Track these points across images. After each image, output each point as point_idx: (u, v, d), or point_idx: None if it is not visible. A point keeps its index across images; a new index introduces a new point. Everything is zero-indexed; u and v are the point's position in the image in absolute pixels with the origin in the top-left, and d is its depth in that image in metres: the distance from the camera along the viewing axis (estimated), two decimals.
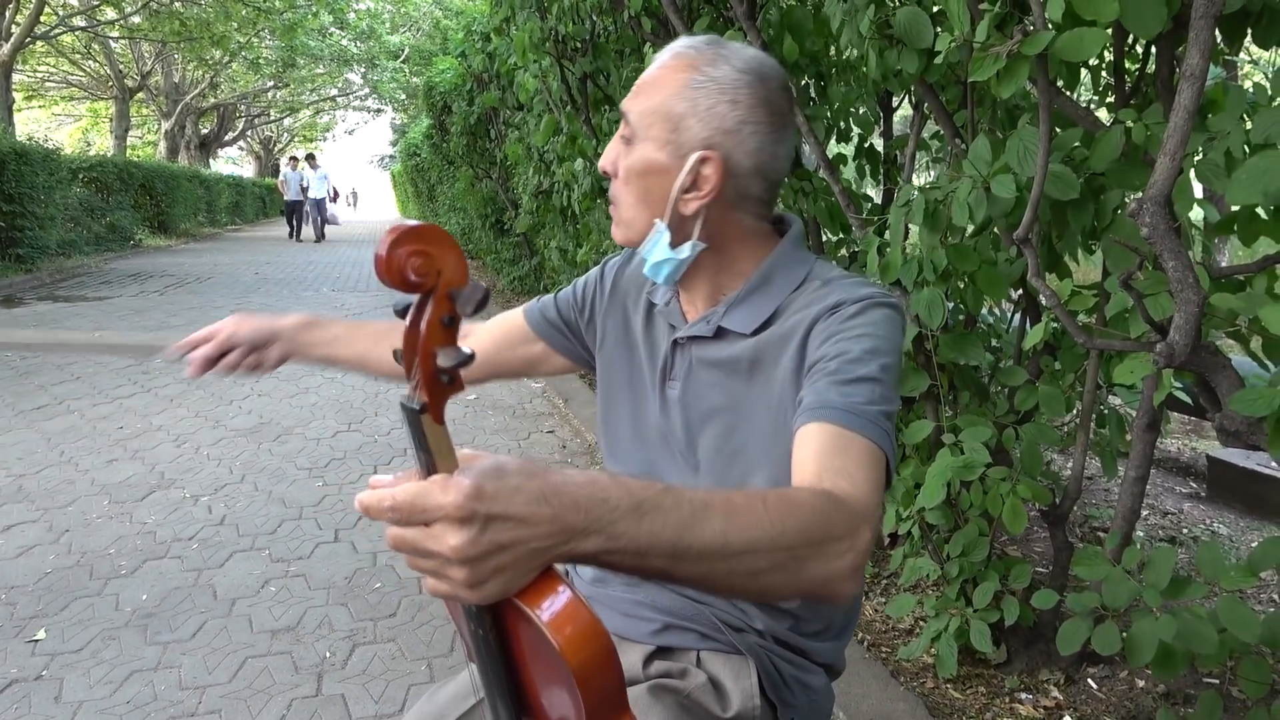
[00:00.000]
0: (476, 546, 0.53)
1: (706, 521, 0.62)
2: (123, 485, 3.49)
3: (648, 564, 0.60)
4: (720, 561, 0.62)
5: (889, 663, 2.19)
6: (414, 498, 0.54)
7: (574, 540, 0.56)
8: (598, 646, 0.55)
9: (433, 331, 0.57)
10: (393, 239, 0.54)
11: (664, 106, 0.94)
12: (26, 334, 6.28)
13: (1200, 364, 1.36)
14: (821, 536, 0.67)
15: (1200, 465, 3.86)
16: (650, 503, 0.60)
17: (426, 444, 0.57)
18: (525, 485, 0.55)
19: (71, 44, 20.40)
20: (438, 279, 0.56)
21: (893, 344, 0.91)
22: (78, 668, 2.22)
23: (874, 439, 0.81)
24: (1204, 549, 1.58)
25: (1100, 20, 1.29)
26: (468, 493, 0.53)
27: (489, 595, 0.55)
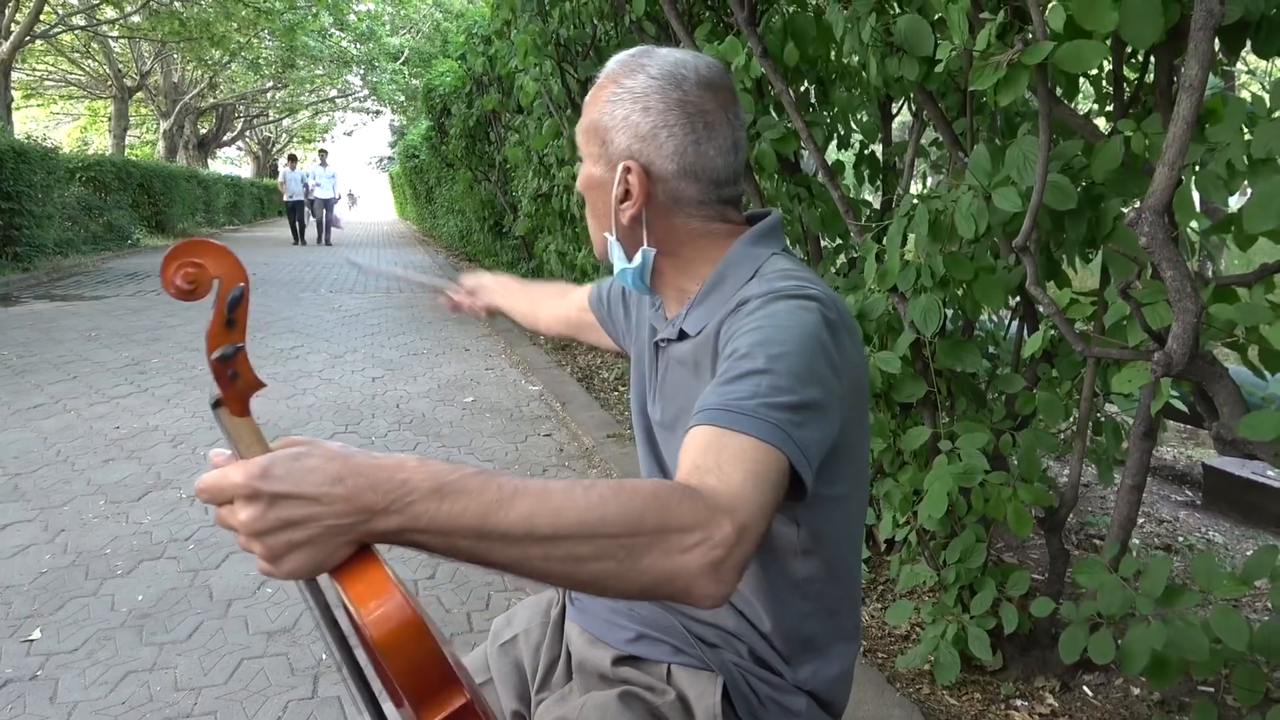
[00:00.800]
0: (263, 521, 0.57)
1: (513, 505, 0.61)
2: (119, 485, 3.49)
3: (456, 546, 0.61)
4: (532, 545, 0.61)
5: (885, 669, 2.19)
6: (214, 480, 0.59)
7: (374, 519, 0.58)
8: (405, 625, 0.57)
9: (214, 333, 0.63)
10: (166, 256, 0.62)
11: (593, 123, 0.98)
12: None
13: (1198, 373, 1.37)
14: (657, 525, 0.63)
15: (1196, 473, 3.87)
16: (454, 485, 0.60)
17: (229, 433, 0.65)
18: (322, 467, 0.58)
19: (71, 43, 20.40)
20: (209, 286, 0.64)
21: (791, 333, 0.83)
22: (73, 668, 2.22)
23: (753, 433, 0.74)
24: (1199, 558, 1.58)
25: (1100, 31, 1.30)
26: (254, 472, 0.57)
27: (292, 569, 0.58)
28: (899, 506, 2.11)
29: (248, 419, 0.65)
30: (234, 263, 0.64)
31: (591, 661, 1.04)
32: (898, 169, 2.59)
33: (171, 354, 6.00)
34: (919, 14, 1.71)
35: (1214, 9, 1.10)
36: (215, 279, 0.63)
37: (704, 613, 1.00)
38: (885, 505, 2.17)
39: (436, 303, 1.64)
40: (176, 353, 6.06)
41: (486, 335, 7.10)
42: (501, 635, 1.19)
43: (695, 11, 2.84)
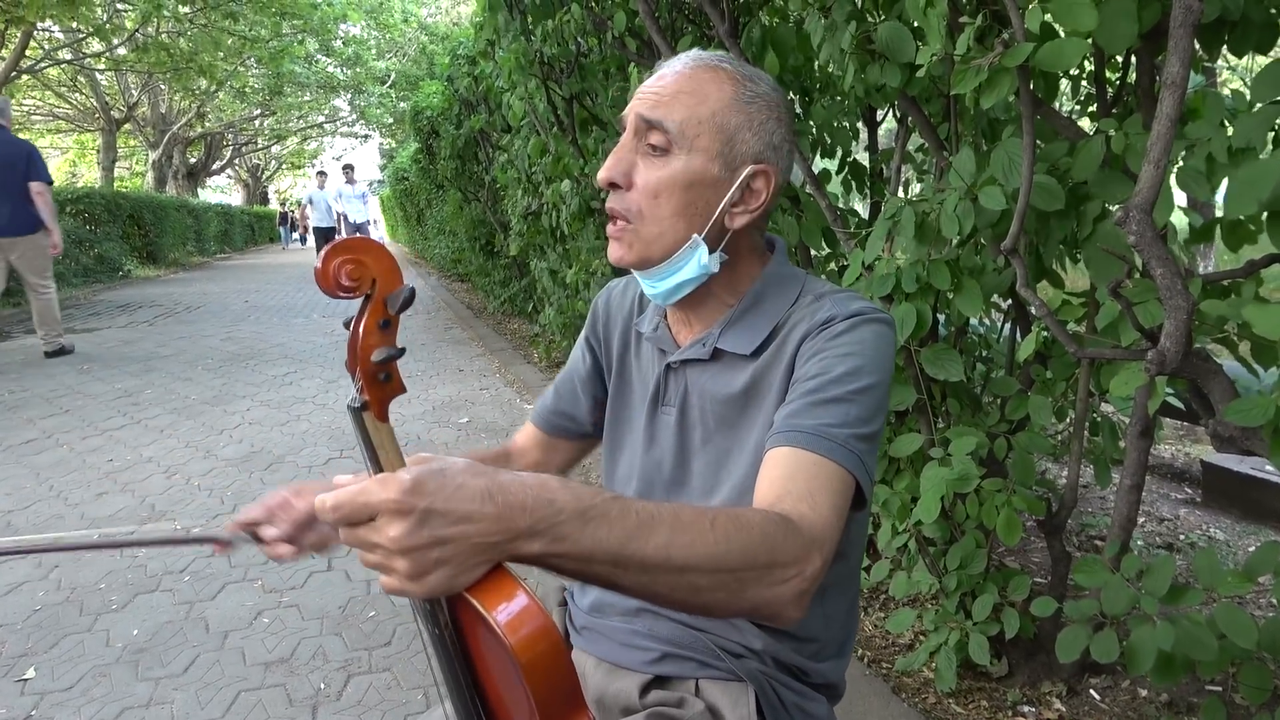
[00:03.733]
0: (415, 538, 0.54)
1: (652, 534, 0.62)
2: (113, 518, 3.45)
3: (591, 570, 0.61)
4: (662, 575, 0.63)
5: (889, 679, 2.17)
6: (355, 495, 0.56)
7: (518, 540, 0.58)
8: (547, 644, 0.56)
9: (369, 334, 0.62)
10: (327, 251, 0.59)
11: (716, 117, 0.92)
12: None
13: (1192, 370, 1.36)
14: (767, 561, 0.68)
15: (1194, 471, 3.86)
16: (597, 510, 0.61)
17: (370, 442, 0.62)
18: (469, 483, 0.57)
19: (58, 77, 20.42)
20: (372, 286, 0.61)
21: (879, 363, 0.89)
22: (68, 706, 2.19)
23: (842, 463, 0.81)
24: (1201, 555, 1.57)
25: (1079, 30, 1.30)
26: (406, 487, 0.55)
27: (433, 587, 0.56)
28: (897, 514, 2.10)
29: (389, 426, 0.63)
30: (393, 264, 0.62)
31: (613, 695, 1.02)
32: (885, 176, 2.60)
33: (164, 385, 5.97)
34: (898, 20, 1.71)
35: (1192, 6, 1.10)
36: (374, 278, 0.61)
37: (728, 627, 1.01)
38: (884, 514, 2.15)
39: (429, 323, 1.42)
40: (169, 383, 6.03)
41: (480, 356, 7.08)
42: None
43: (677, 25, 2.85)
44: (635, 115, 0.93)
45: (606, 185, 0.94)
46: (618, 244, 0.96)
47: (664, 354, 1.05)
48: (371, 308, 0.61)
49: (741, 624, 1.01)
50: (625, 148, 0.94)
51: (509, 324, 8.49)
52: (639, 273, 0.99)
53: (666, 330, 1.05)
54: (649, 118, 0.92)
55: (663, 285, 0.97)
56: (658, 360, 1.06)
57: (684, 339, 1.04)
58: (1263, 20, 1.37)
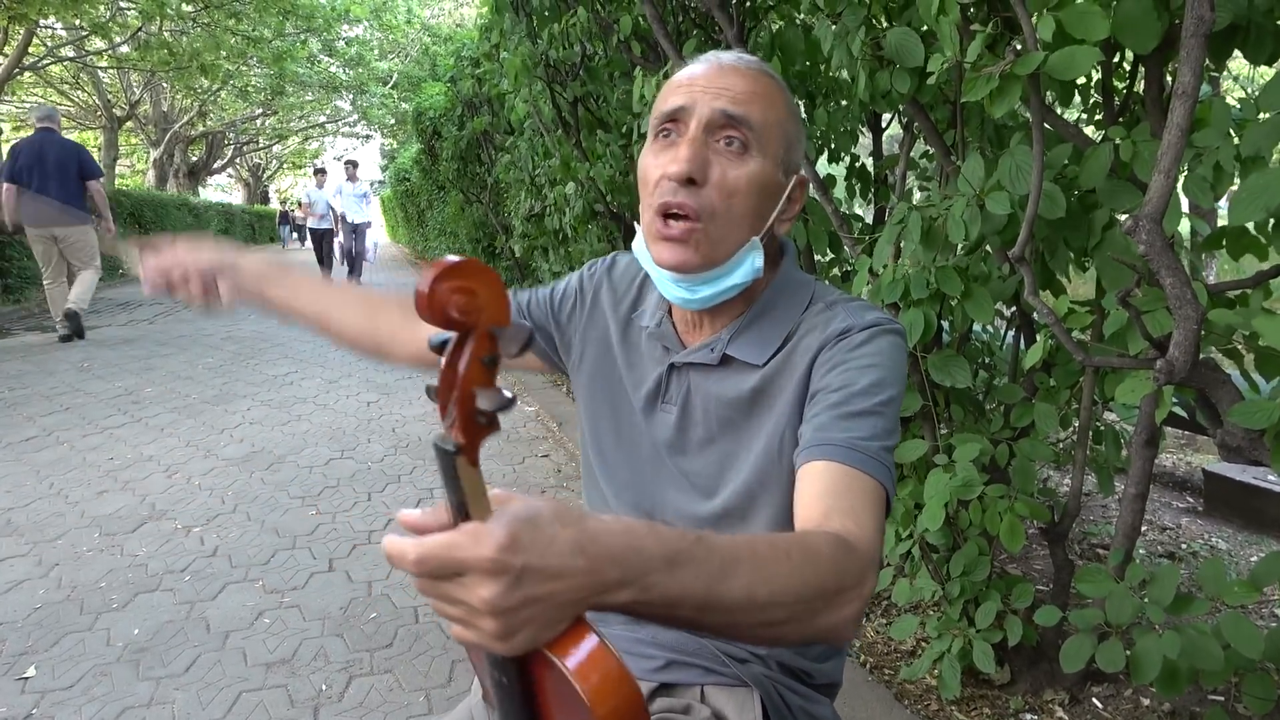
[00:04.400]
0: (509, 599, 0.51)
1: (735, 575, 0.61)
2: (113, 517, 3.45)
3: (676, 615, 0.60)
4: (744, 614, 0.62)
5: (892, 685, 2.17)
6: (445, 549, 0.52)
7: (607, 593, 0.56)
8: (624, 695, 0.54)
9: (473, 372, 0.54)
10: (436, 274, 0.52)
11: (783, 124, 0.93)
12: None
13: (1200, 380, 1.36)
14: (835, 587, 0.68)
15: (1196, 480, 3.86)
16: (684, 555, 0.59)
17: (460, 487, 0.55)
18: (560, 535, 0.54)
19: (60, 74, 20.44)
20: (479, 316, 0.54)
21: (897, 374, 0.90)
22: (68, 705, 2.18)
23: (877, 476, 0.82)
24: (1206, 565, 1.57)
25: (1090, 39, 1.30)
26: (502, 544, 0.51)
27: (518, 646, 0.54)
28: (900, 521, 2.10)
29: (479, 470, 0.56)
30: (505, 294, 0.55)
31: None
32: (890, 182, 2.60)
33: (165, 383, 5.97)
34: (908, 26, 1.71)
35: (1205, 15, 1.10)
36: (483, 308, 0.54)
37: None
38: (888, 521, 2.15)
39: None
40: (170, 382, 6.03)
41: None
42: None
43: (684, 29, 2.85)
44: (715, 110, 0.89)
45: (682, 179, 0.88)
46: (681, 247, 0.90)
47: (668, 351, 1.03)
48: (477, 340, 0.54)
49: None
50: (698, 142, 0.89)
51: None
52: (682, 277, 0.93)
53: (671, 328, 1.03)
54: (734, 114, 0.89)
55: (710, 289, 0.93)
56: (661, 357, 1.04)
57: (691, 340, 1.02)
58: (1276, 29, 1.38)
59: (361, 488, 3.89)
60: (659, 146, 0.93)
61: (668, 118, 0.92)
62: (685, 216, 0.89)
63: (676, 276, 0.93)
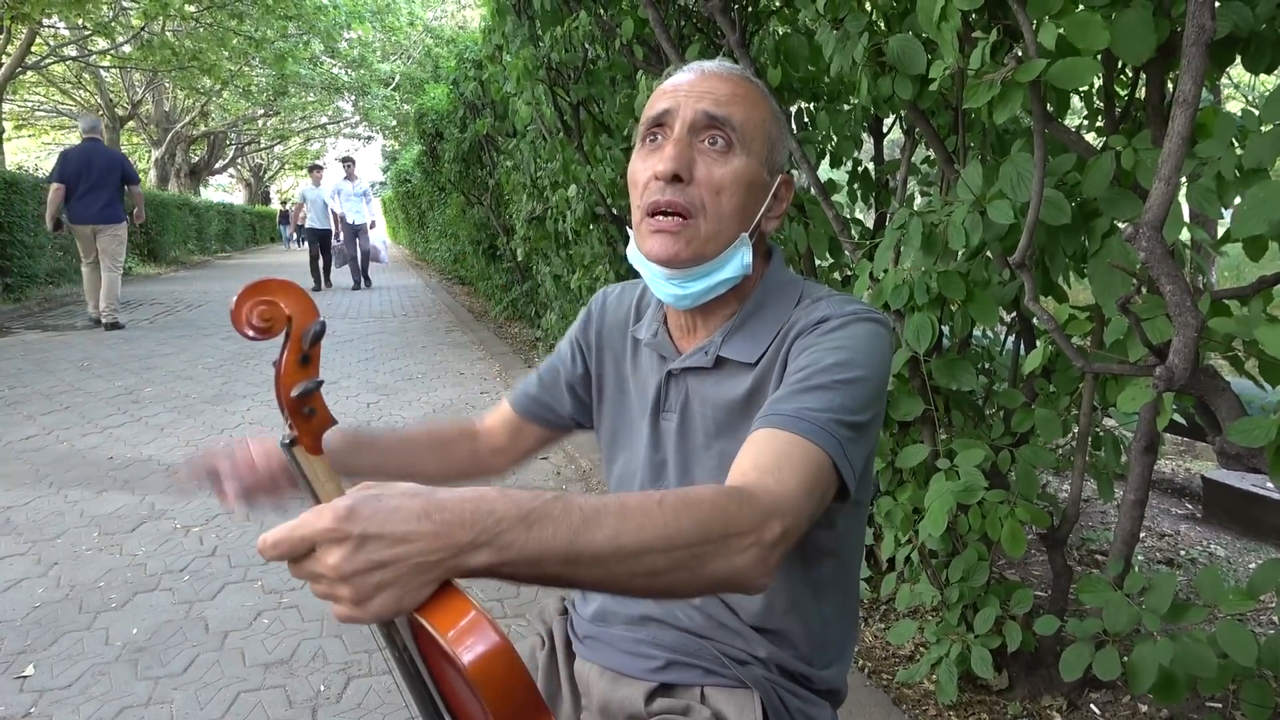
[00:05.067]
0: (353, 563, 0.54)
1: (598, 526, 0.62)
2: (112, 516, 3.45)
3: (544, 572, 0.61)
4: (617, 564, 0.63)
5: (890, 690, 2.17)
6: (291, 529, 0.56)
7: (462, 555, 0.57)
8: (498, 657, 0.56)
9: (289, 371, 0.63)
10: (240, 295, 0.60)
11: (765, 124, 0.97)
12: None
13: (1200, 387, 1.37)
14: (721, 532, 0.68)
15: (1195, 486, 3.86)
16: (538, 512, 0.60)
17: (305, 476, 0.62)
18: (405, 504, 0.56)
19: (62, 74, 20.45)
20: (288, 324, 0.62)
21: (870, 357, 0.89)
22: (67, 704, 2.18)
23: (817, 442, 0.80)
24: (1204, 573, 1.58)
25: (1092, 47, 1.31)
26: (340, 515, 0.55)
27: (380, 610, 0.56)
28: (900, 525, 2.10)
29: (323, 457, 0.63)
30: (306, 300, 0.63)
31: (618, 703, 1.02)
32: (890, 187, 2.60)
33: (164, 383, 5.97)
34: (910, 33, 1.72)
35: (1206, 24, 1.10)
36: (289, 316, 0.62)
37: (732, 636, 1.01)
38: (886, 524, 2.15)
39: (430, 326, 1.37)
40: (169, 381, 6.03)
41: (481, 359, 7.08)
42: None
43: (686, 33, 2.86)
44: (698, 111, 0.93)
45: (669, 177, 0.92)
46: (671, 239, 0.93)
47: (664, 360, 1.04)
48: (290, 346, 0.63)
49: (745, 630, 1.01)
50: (682, 142, 0.93)
51: (510, 328, 8.50)
52: (671, 273, 0.95)
53: (666, 336, 1.05)
54: (716, 114, 0.93)
55: (699, 285, 0.96)
56: (658, 366, 1.05)
57: (685, 345, 1.03)
58: (1276, 38, 1.38)
59: None
60: (646, 150, 0.97)
61: (654, 122, 0.97)
62: (675, 213, 0.93)
63: (668, 273, 0.95)
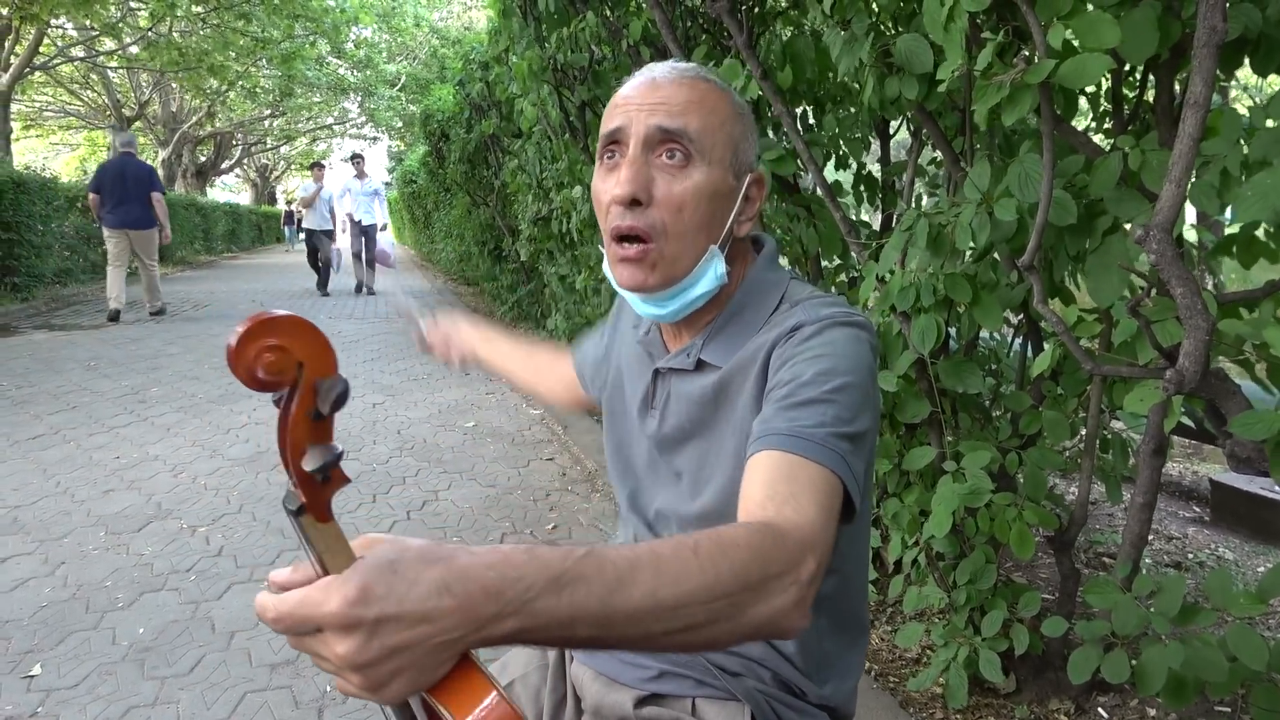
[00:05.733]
0: (365, 653, 0.50)
1: (634, 583, 0.58)
2: (119, 516, 3.46)
3: (574, 635, 0.57)
4: (654, 622, 0.59)
5: (897, 693, 2.16)
6: (296, 608, 0.51)
7: (486, 627, 0.53)
8: None
9: (298, 428, 0.53)
10: (244, 330, 0.48)
11: (724, 126, 0.92)
12: None
13: (1210, 390, 1.36)
14: (760, 577, 0.64)
15: (1203, 489, 3.84)
16: (571, 573, 0.56)
17: (311, 545, 0.54)
18: (422, 576, 0.52)
19: (70, 74, 20.53)
20: (299, 372, 0.51)
21: (852, 363, 0.86)
22: (74, 704, 2.19)
23: (823, 462, 0.77)
24: (1213, 576, 1.57)
25: (1102, 45, 1.30)
26: (351, 599, 0.50)
27: (394, 695, 0.52)
28: (906, 528, 2.10)
29: (333, 524, 0.54)
30: (324, 344, 0.51)
31: (610, 707, 1.02)
32: (897, 188, 2.60)
33: (171, 382, 5.99)
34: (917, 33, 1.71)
35: (1217, 26, 1.10)
36: (300, 362, 0.51)
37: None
38: (893, 527, 2.15)
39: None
40: (176, 381, 6.04)
41: None
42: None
43: (692, 34, 2.86)
44: (650, 126, 0.89)
45: (626, 202, 0.88)
46: (636, 268, 0.91)
47: (653, 359, 1.05)
48: (301, 396, 0.52)
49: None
50: (638, 162, 0.89)
51: (516, 329, 8.50)
52: (646, 296, 0.94)
53: (658, 335, 1.06)
54: (670, 128, 0.89)
55: (675, 303, 0.94)
56: (648, 364, 1.06)
57: (674, 345, 1.04)
58: None
59: (366, 489, 3.90)
60: (604, 170, 0.94)
61: (609, 139, 0.93)
62: (638, 238, 0.90)
63: (647, 296, 0.94)
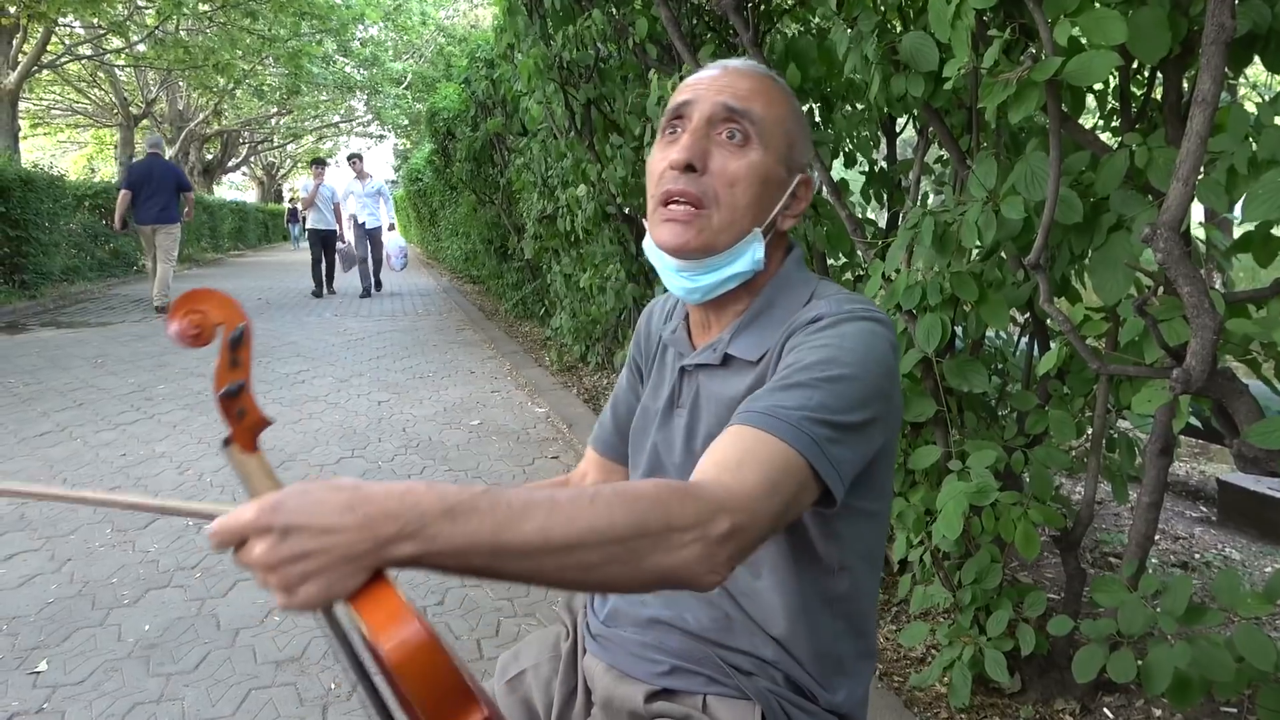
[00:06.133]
0: (277, 554, 0.57)
1: (525, 519, 0.62)
2: (125, 513, 3.47)
3: (469, 564, 0.62)
4: (546, 557, 0.63)
5: (902, 692, 2.16)
6: (225, 522, 0.59)
7: (388, 545, 0.58)
8: (421, 649, 0.57)
9: (221, 373, 0.68)
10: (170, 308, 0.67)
11: (784, 122, 0.96)
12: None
13: (1217, 390, 1.35)
14: (660, 527, 0.66)
15: (1210, 489, 3.83)
16: (465, 505, 0.61)
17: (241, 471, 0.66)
18: (329, 498, 0.59)
19: (77, 72, 20.59)
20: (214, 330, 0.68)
21: (858, 356, 0.85)
22: (79, 700, 2.19)
23: (786, 439, 0.77)
24: (1221, 576, 1.56)
25: (1109, 42, 1.29)
26: (265, 507, 0.58)
27: (306, 600, 0.58)
28: (912, 527, 2.09)
29: (257, 455, 0.67)
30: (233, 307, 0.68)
31: (620, 699, 1.01)
32: (903, 186, 2.59)
33: (178, 380, 6.00)
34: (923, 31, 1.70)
35: (1225, 23, 1.09)
36: (218, 325, 0.67)
37: (740, 641, 0.99)
38: (898, 526, 2.14)
39: (441, 324, 1.43)
40: (183, 379, 6.06)
41: (492, 358, 7.09)
42: (508, 671, 1.16)
43: (698, 33, 2.85)
44: (716, 103, 0.93)
45: (683, 166, 0.92)
46: (683, 228, 0.93)
47: (681, 356, 1.05)
48: (221, 349, 0.68)
49: (753, 637, 1.00)
50: (699, 132, 0.93)
51: (521, 327, 8.50)
52: (683, 264, 0.95)
53: (685, 333, 1.07)
54: (734, 106, 0.93)
55: (711, 278, 0.96)
56: (675, 361, 1.06)
57: (700, 342, 1.04)
58: None
59: None
60: (665, 142, 0.98)
61: (674, 114, 0.97)
62: (687, 201, 0.93)
63: (679, 264, 0.95)
